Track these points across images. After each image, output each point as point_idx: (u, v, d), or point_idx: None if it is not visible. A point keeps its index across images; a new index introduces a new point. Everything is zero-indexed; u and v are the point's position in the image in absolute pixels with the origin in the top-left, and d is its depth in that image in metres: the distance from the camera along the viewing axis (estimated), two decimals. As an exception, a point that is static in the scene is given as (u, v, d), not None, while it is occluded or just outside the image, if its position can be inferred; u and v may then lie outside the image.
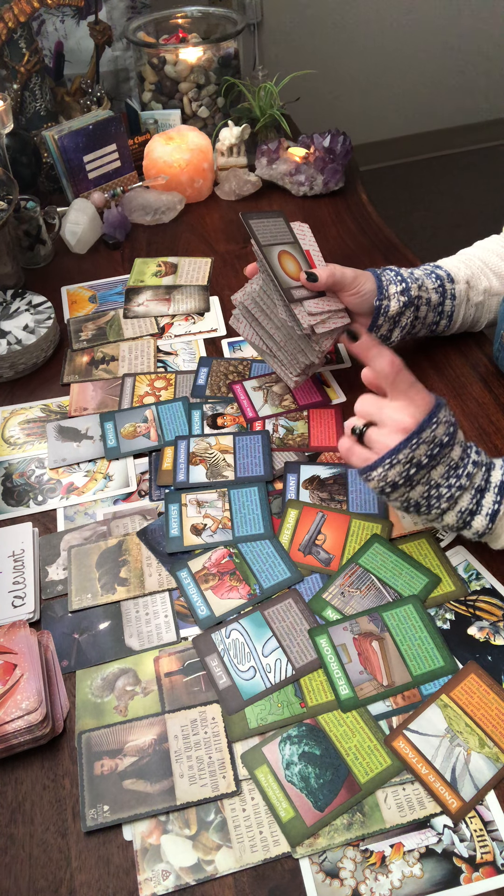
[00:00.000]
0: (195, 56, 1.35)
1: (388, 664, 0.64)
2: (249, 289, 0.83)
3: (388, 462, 0.62)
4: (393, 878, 0.53)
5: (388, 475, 0.63)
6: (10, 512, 0.80)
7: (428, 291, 0.86)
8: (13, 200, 1.03)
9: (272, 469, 0.81)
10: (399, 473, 0.62)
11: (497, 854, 0.54)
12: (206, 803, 0.57)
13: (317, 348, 0.81)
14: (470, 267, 0.89)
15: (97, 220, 1.21)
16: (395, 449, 0.62)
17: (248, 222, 0.81)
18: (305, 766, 0.59)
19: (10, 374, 0.96)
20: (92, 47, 1.38)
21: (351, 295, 0.83)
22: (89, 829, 0.56)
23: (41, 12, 1.36)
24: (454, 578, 0.70)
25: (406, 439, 0.61)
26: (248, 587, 0.71)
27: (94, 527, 0.78)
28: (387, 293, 0.83)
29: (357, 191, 1.32)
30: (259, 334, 0.84)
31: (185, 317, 1.05)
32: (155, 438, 0.86)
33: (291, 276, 0.81)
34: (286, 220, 0.86)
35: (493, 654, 0.65)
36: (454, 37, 2.76)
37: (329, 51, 2.68)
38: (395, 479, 0.63)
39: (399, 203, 2.85)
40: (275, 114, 1.33)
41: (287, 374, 0.84)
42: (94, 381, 0.95)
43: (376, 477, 0.64)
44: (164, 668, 0.66)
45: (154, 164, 1.27)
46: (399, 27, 2.68)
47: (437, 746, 0.59)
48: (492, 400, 0.88)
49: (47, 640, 0.68)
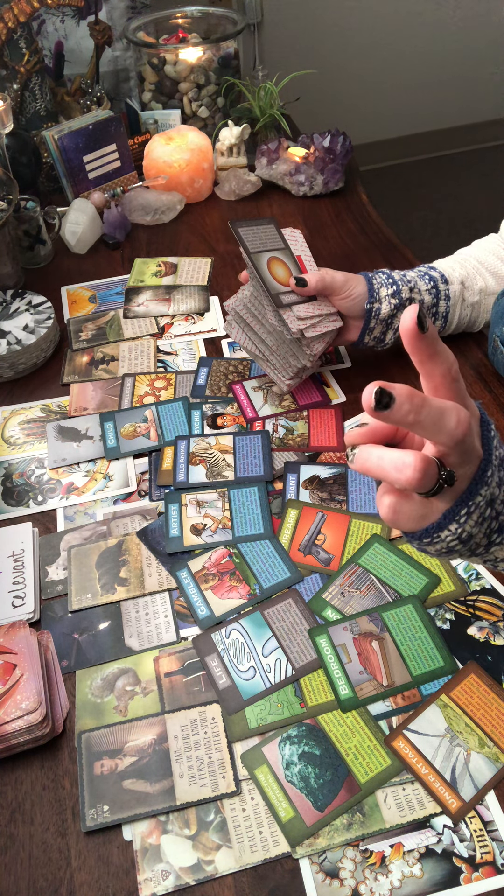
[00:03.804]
0: (195, 56, 1.35)
1: (387, 664, 0.64)
2: (241, 295, 0.85)
3: (463, 513, 0.43)
4: (393, 878, 0.53)
5: (464, 529, 0.44)
6: (10, 512, 0.80)
7: (421, 293, 0.86)
8: (13, 200, 1.03)
9: (272, 469, 0.81)
10: (477, 521, 0.44)
11: (497, 854, 0.54)
12: (205, 803, 0.57)
13: (308, 352, 0.82)
14: (465, 267, 0.89)
15: (97, 220, 1.21)
16: (471, 490, 0.43)
17: (236, 230, 0.82)
18: (305, 766, 0.59)
19: (10, 374, 0.96)
20: (92, 47, 1.38)
21: (342, 299, 0.83)
22: (89, 829, 0.56)
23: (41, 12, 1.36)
24: (454, 578, 0.70)
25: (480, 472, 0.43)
26: (247, 587, 0.71)
27: (94, 527, 0.78)
28: (377, 296, 0.83)
29: (357, 191, 1.32)
30: (251, 339, 0.85)
31: (185, 317, 1.05)
32: (155, 438, 0.86)
33: (281, 281, 0.82)
34: (277, 227, 0.87)
35: (493, 654, 0.65)
36: (454, 37, 2.76)
37: (329, 51, 2.68)
38: (472, 530, 0.44)
39: (399, 203, 2.85)
40: (275, 114, 1.33)
41: (280, 378, 0.85)
42: (94, 381, 0.95)
43: (448, 537, 0.44)
44: (163, 668, 0.66)
45: (154, 164, 1.27)
46: (399, 27, 2.68)
47: (437, 746, 0.59)
48: (492, 400, 0.88)
49: (47, 640, 0.68)
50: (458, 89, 2.92)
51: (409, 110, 2.94)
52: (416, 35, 2.72)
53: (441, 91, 2.91)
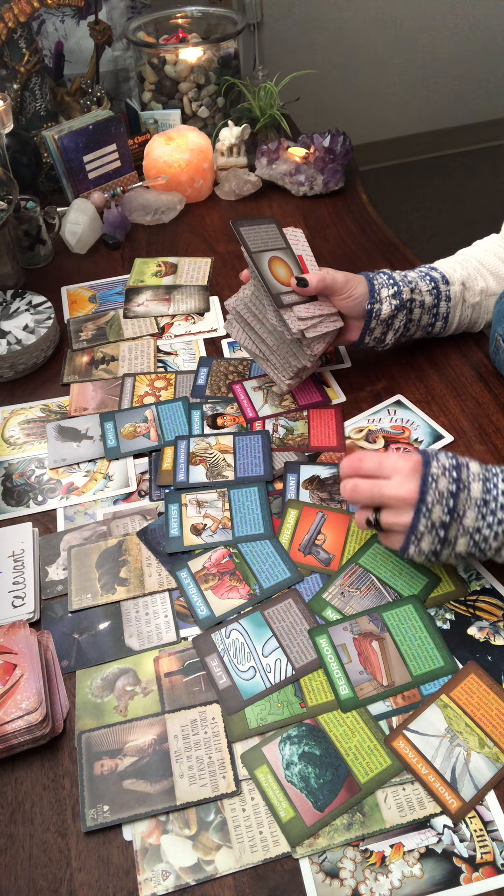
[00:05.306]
0: (195, 56, 1.35)
1: (387, 664, 0.64)
2: (242, 294, 0.85)
3: (413, 539, 0.61)
4: (393, 879, 0.53)
5: (422, 548, 0.62)
6: (10, 512, 0.80)
7: (422, 294, 0.86)
8: (13, 200, 1.03)
9: (272, 469, 0.81)
10: (431, 542, 0.61)
11: (497, 854, 0.54)
12: (205, 803, 0.57)
13: (308, 352, 0.82)
14: (466, 268, 0.89)
15: (97, 220, 1.21)
16: (412, 526, 0.61)
17: (237, 230, 0.82)
18: (305, 766, 0.59)
19: (10, 374, 0.96)
20: (92, 47, 1.38)
21: (343, 299, 0.83)
22: (89, 829, 0.56)
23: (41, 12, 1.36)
24: (454, 578, 0.70)
25: (416, 512, 0.60)
26: (247, 587, 0.71)
27: (94, 527, 0.78)
28: (378, 297, 0.83)
29: (357, 191, 1.32)
30: (252, 339, 0.85)
31: (185, 317, 1.05)
32: (155, 438, 0.86)
33: (282, 281, 0.82)
34: (278, 227, 0.87)
35: (493, 654, 0.65)
36: (454, 36, 2.76)
37: (329, 51, 2.68)
38: (431, 548, 0.62)
39: (399, 203, 2.85)
40: (275, 114, 1.33)
41: (280, 378, 0.85)
42: (94, 381, 0.95)
43: (414, 554, 0.63)
44: (163, 668, 0.66)
45: (154, 164, 1.27)
46: (399, 27, 2.68)
47: (437, 746, 0.59)
48: (491, 400, 0.88)
49: (47, 640, 0.68)
50: (457, 89, 2.92)
51: (408, 110, 2.94)
52: (417, 35, 2.72)
53: (441, 91, 2.91)
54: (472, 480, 0.61)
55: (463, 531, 0.61)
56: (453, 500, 0.60)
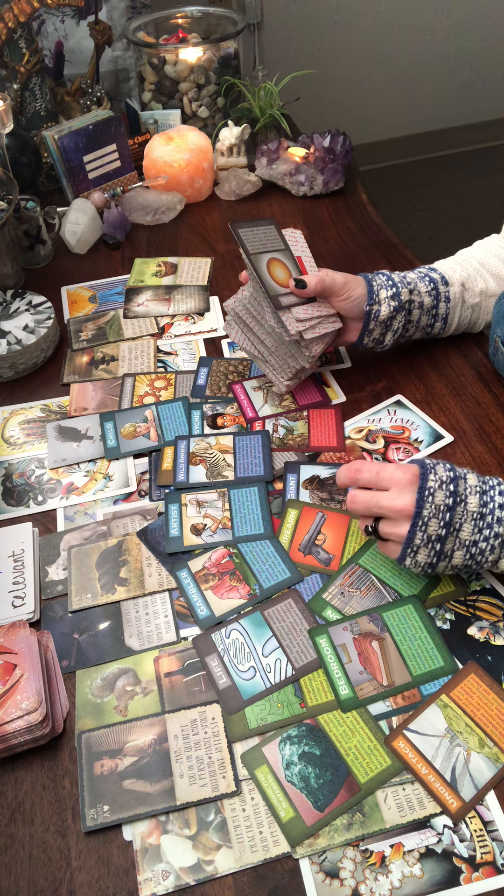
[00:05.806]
0: (195, 56, 1.35)
1: (387, 664, 0.64)
2: (241, 295, 0.85)
3: (409, 551, 0.62)
4: (393, 879, 0.53)
5: (418, 561, 0.62)
6: (10, 512, 0.80)
7: (421, 295, 0.86)
8: (13, 200, 1.03)
9: (272, 469, 0.81)
10: (427, 555, 0.62)
11: (497, 854, 0.54)
12: (205, 803, 0.57)
13: (307, 353, 0.82)
14: (466, 269, 0.89)
15: (97, 220, 1.21)
16: (408, 539, 0.61)
17: (236, 231, 0.82)
18: (305, 766, 0.59)
19: (10, 374, 0.96)
20: (92, 47, 1.38)
21: (342, 300, 0.83)
22: (89, 829, 0.56)
23: (41, 12, 1.36)
24: (454, 578, 0.70)
25: (412, 526, 0.61)
26: (247, 587, 0.71)
27: (94, 527, 0.78)
28: (377, 298, 0.83)
29: (357, 191, 1.32)
30: (251, 340, 0.86)
31: (184, 317, 1.05)
32: (155, 438, 0.86)
33: (281, 283, 0.82)
34: (277, 228, 0.87)
35: (493, 654, 0.65)
36: (453, 36, 2.76)
37: (329, 51, 2.68)
38: (427, 560, 0.62)
39: (399, 203, 2.85)
40: (275, 114, 1.33)
41: (279, 379, 0.85)
42: (94, 381, 0.95)
43: (411, 565, 0.63)
44: (163, 668, 0.66)
45: (154, 164, 1.27)
46: (399, 27, 2.68)
47: (437, 746, 0.59)
48: (491, 400, 0.88)
49: (47, 640, 0.68)
50: (457, 89, 2.92)
51: (408, 110, 2.94)
52: (416, 35, 2.72)
53: (441, 91, 2.91)
54: (469, 493, 0.61)
55: (459, 544, 0.61)
56: (450, 513, 0.60)
